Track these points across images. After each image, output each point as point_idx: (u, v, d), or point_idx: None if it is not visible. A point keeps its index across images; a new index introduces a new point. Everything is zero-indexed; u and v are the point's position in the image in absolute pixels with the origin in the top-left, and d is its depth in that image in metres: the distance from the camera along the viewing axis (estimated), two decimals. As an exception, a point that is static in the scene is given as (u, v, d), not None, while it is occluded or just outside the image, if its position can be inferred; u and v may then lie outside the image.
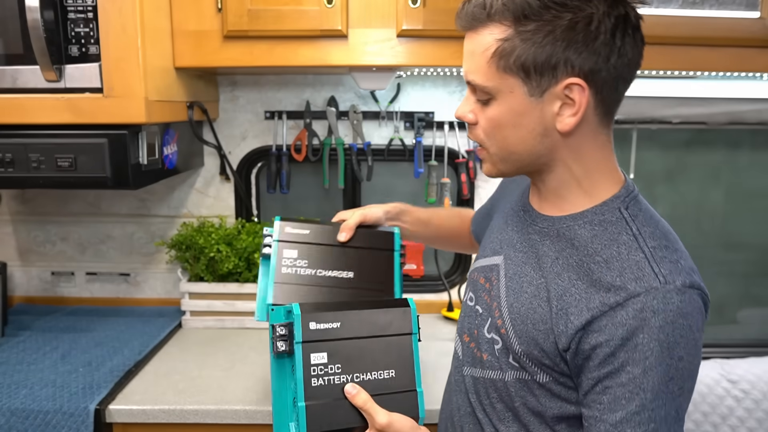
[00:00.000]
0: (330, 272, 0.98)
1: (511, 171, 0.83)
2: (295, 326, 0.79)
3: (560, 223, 0.82)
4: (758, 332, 1.95)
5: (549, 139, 0.77)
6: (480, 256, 0.97)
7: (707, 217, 1.90)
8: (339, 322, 0.81)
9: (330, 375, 0.79)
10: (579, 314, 0.74)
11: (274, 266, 0.96)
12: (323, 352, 0.79)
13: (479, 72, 0.76)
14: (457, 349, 0.97)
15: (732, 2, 1.33)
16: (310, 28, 1.32)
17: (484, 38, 0.74)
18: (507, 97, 0.75)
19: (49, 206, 1.78)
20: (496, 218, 1.00)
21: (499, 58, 0.73)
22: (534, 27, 0.71)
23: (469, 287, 0.97)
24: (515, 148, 0.79)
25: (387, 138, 1.73)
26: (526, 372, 0.81)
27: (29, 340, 1.53)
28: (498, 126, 0.78)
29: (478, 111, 0.80)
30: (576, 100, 0.73)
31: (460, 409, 0.93)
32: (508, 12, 0.72)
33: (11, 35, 1.18)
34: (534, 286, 0.81)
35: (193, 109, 1.49)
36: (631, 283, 0.71)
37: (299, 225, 1.00)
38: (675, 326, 0.69)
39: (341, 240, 1.01)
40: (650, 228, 0.77)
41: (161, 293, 1.82)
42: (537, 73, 0.72)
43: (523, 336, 0.80)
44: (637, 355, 0.69)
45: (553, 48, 0.71)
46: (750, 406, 1.61)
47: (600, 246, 0.76)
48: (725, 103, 1.70)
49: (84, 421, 1.19)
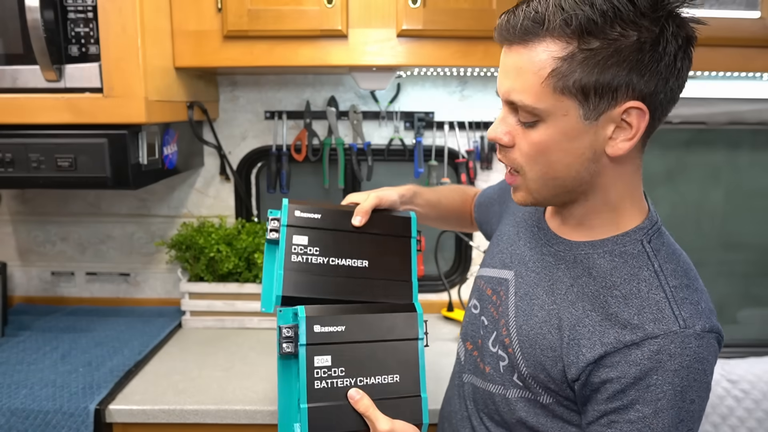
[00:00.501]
0: (343, 261, 0.90)
1: (547, 199, 0.77)
2: (300, 329, 0.78)
3: (578, 249, 0.79)
4: (758, 332, 1.95)
5: (596, 165, 0.71)
6: (487, 264, 0.95)
7: (707, 217, 1.90)
8: (344, 326, 0.80)
9: (333, 378, 0.78)
10: (592, 347, 0.72)
11: (283, 253, 0.88)
12: (327, 355, 0.78)
13: (529, 92, 0.68)
14: (460, 353, 0.96)
15: (732, 2, 1.32)
16: (310, 28, 1.32)
17: (538, 55, 0.66)
18: (559, 120, 0.68)
19: (49, 206, 1.78)
20: (505, 223, 0.98)
21: (558, 79, 0.66)
22: (598, 46, 0.64)
23: (474, 293, 0.95)
24: (559, 173, 0.72)
25: (387, 138, 1.73)
26: (530, 392, 0.80)
27: (29, 340, 1.53)
28: (544, 150, 0.70)
29: (518, 133, 0.72)
30: (633, 125, 0.68)
31: (457, 413, 0.93)
32: (568, 28, 0.64)
33: (11, 35, 1.18)
34: (545, 311, 0.79)
35: (193, 109, 1.49)
36: (649, 324, 0.70)
37: (310, 208, 0.92)
38: (690, 371, 0.68)
39: (356, 225, 0.92)
40: (672, 265, 0.74)
41: (161, 293, 1.82)
42: (596, 96, 0.66)
43: (530, 359, 0.79)
44: (648, 396, 0.68)
45: (617, 69, 0.65)
46: (750, 406, 1.61)
47: (619, 280, 0.74)
48: (725, 103, 1.70)
49: (84, 421, 1.19)
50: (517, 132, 0.72)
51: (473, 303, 0.95)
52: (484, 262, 0.97)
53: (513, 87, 0.70)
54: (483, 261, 0.99)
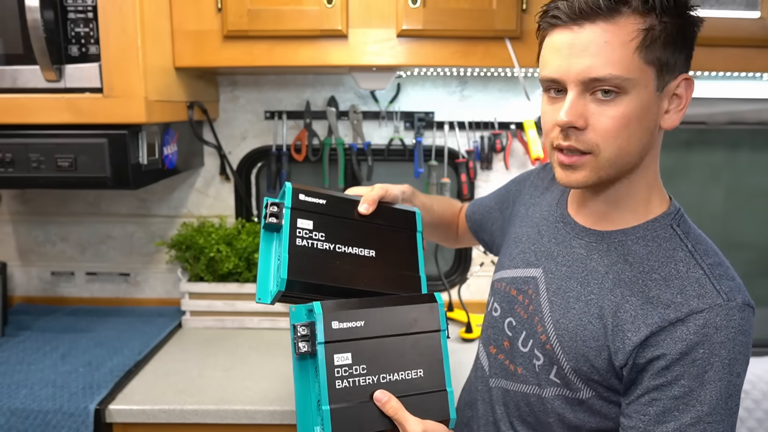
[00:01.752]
0: (350, 248, 0.85)
1: (610, 178, 0.76)
2: (317, 326, 0.73)
3: (610, 238, 0.80)
4: (758, 332, 1.95)
5: (653, 139, 0.76)
6: (507, 266, 0.94)
7: (707, 217, 1.90)
8: (363, 321, 0.75)
9: (355, 376, 0.74)
10: (636, 330, 0.73)
11: (287, 236, 0.82)
12: (347, 352, 0.74)
13: (619, 63, 0.69)
14: (482, 359, 0.95)
15: (732, 2, 1.32)
16: (310, 28, 1.32)
17: (624, 28, 0.69)
18: (641, 91, 0.71)
19: (49, 206, 1.78)
20: (518, 225, 0.97)
21: (646, 48, 0.70)
22: (668, 20, 0.70)
23: (495, 298, 0.94)
24: (633, 148, 0.74)
25: (387, 138, 1.73)
26: (569, 389, 0.80)
27: (29, 340, 1.53)
28: (625, 124, 0.72)
29: (592, 113, 0.72)
30: (683, 96, 0.75)
31: (481, 419, 0.92)
32: (647, 5, 0.70)
33: (11, 35, 1.18)
34: (583, 302, 0.79)
35: (193, 109, 1.49)
36: (693, 300, 0.72)
37: (314, 193, 0.87)
38: (735, 343, 0.70)
39: (363, 212, 0.88)
40: (703, 245, 0.78)
41: (161, 293, 1.82)
42: (667, 67, 0.72)
43: (572, 352, 0.79)
44: (694, 369, 0.70)
45: (679, 44, 0.72)
46: (750, 406, 1.61)
47: (657, 263, 0.76)
48: (725, 103, 1.70)
49: (84, 421, 1.19)
50: (592, 112, 0.72)
51: (493, 307, 0.94)
52: (502, 264, 0.96)
53: (595, 63, 0.70)
54: (500, 264, 0.98)
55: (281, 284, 0.79)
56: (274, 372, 1.39)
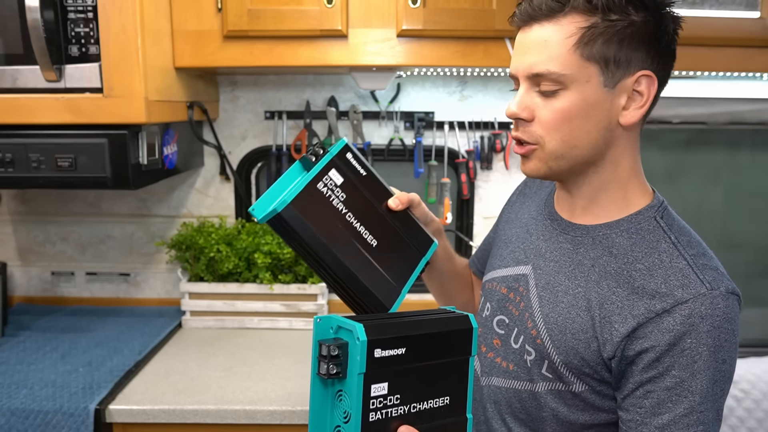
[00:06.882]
0: (359, 225, 0.82)
1: (562, 169, 0.79)
2: (359, 354, 0.64)
3: (595, 231, 0.82)
4: (758, 332, 1.95)
5: (610, 134, 0.77)
6: (497, 266, 0.95)
7: (707, 217, 1.90)
8: (405, 347, 0.68)
9: (389, 407, 0.68)
10: (623, 322, 0.74)
11: (312, 175, 0.79)
12: (384, 382, 0.67)
13: (557, 60, 0.73)
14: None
15: (732, 2, 1.33)
16: (310, 28, 1.32)
17: (564, 27, 0.73)
18: (582, 87, 0.74)
19: (49, 206, 1.78)
20: (507, 229, 0.98)
21: (584, 45, 0.72)
22: (617, 18, 0.72)
23: (486, 298, 0.95)
24: (579, 141, 0.76)
25: (387, 138, 1.73)
26: (561, 383, 0.80)
27: (29, 340, 1.53)
28: (566, 118, 0.75)
29: (537, 106, 0.76)
30: (644, 93, 0.75)
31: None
32: (590, 4, 0.72)
33: (11, 35, 1.18)
34: (571, 296, 0.80)
35: (193, 109, 1.49)
36: (677, 290, 0.73)
37: (360, 160, 0.86)
38: (721, 330, 0.71)
39: (391, 205, 0.88)
40: (686, 237, 0.79)
41: (161, 293, 1.82)
42: (615, 64, 0.73)
43: (561, 346, 0.79)
44: (684, 360, 0.71)
45: (632, 41, 0.73)
46: (750, 406, 1.61)
47: (640, 254, 0.77)
48: (725, 103, 1.70)
49: (84, 421, 1.19)
50: (537, 105, 0.77)
51: (485, 307, 0.94)
52: (492, 265, 0.97)
53: (537, 59, 0.75)
54: (490, 265, 0.98)
55: (279, 204, 0.74)
56: (273, 372, 1.39)
